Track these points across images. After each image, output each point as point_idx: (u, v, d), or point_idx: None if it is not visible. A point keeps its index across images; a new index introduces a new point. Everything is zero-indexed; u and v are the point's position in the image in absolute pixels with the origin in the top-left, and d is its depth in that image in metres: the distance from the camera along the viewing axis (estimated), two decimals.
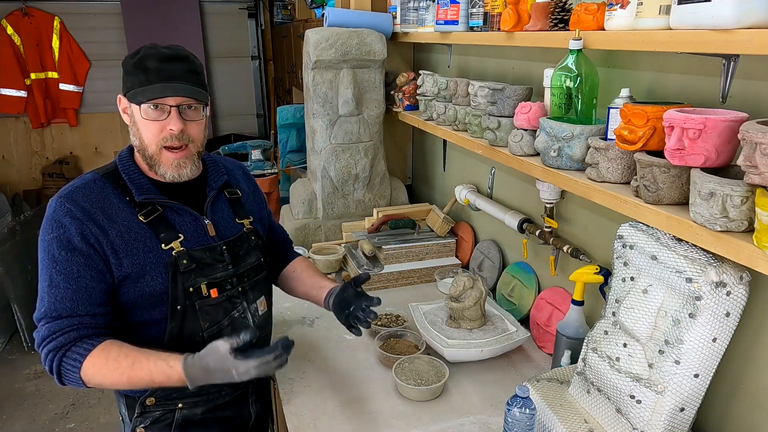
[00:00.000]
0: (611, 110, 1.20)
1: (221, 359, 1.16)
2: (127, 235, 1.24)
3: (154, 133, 1.25)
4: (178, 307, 1.27)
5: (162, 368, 1.18)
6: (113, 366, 1.18)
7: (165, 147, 1.26)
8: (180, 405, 1.37)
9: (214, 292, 1.32)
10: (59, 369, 1.20)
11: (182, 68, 1.26)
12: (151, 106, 1.23)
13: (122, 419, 1.42)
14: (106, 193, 1.27)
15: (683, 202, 1.05)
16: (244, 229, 1.43)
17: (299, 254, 1.73)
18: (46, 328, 1.20)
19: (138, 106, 1.23)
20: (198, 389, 1.34)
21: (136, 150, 1.31)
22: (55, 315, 1.20)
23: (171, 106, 1.24)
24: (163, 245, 1.27)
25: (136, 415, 1.35)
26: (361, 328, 1.38)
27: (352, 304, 1.40)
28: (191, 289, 1.29)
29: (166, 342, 1.28)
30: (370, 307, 1.38)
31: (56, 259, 1.21)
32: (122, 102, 1.30)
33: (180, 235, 1.29)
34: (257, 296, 1.43)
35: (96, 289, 1.22)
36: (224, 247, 1.35)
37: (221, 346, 1.16)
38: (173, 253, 1.27)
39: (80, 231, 1.21)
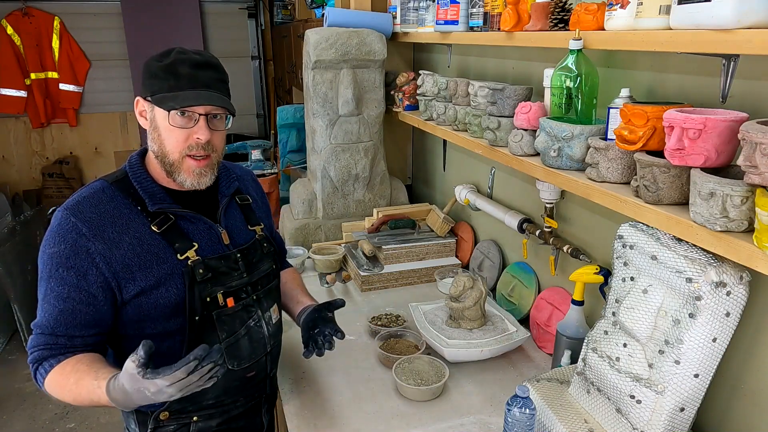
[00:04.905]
0: (611, 110, 1.20)
1: (133, 380, 1.03)
2: (138, 247, 1.20)
3: (179, 140, 1.21)
4: (197, 318, 1.23)
5: (93, 388, 1.10)
6: (63, 383, 1.15)
7: (188, 155, 1.22)
8: (195, 418, 1.32)
9: (230, 302, 1.28)
10: (36, 380, 1.21)
11: (213, 76, 1.23)
12: (179, 113, 1.19)
13: None
14: (116, 203, 1.22)
15: (683, 202, 1.05)
16: (257, 236, 1.39)
17: (290, 265, 1.73)
18: (32, 339, 1.21)
19: (166, 112, 1.19)
20: (214, 400, 1.32)
21: (153, 155, 1.26)
22: (42, 328, 1.20)
23: (200, 115, 1.20)
24: (178, 255, 1.22)
25: (149, 430, 1.31)
26: (315, 353, 1.36)
27: (318, 326, 1.41)
28: (208, 299, 1.25)
29: (184, 355, 1.22)
30: (333, 336, 1.38)
31: (52, 275, 1.18)
32: (141, 104, 1.25)
33: (194, 243, 1.25)
34: (270, 304, 1.39)
35: (82, 312, 1.18)
36: (238, 255, 1.31)
37: (128, 364, 1.03)
38: (189, 262, 1.23)
39: (86, 248, 1.17)
